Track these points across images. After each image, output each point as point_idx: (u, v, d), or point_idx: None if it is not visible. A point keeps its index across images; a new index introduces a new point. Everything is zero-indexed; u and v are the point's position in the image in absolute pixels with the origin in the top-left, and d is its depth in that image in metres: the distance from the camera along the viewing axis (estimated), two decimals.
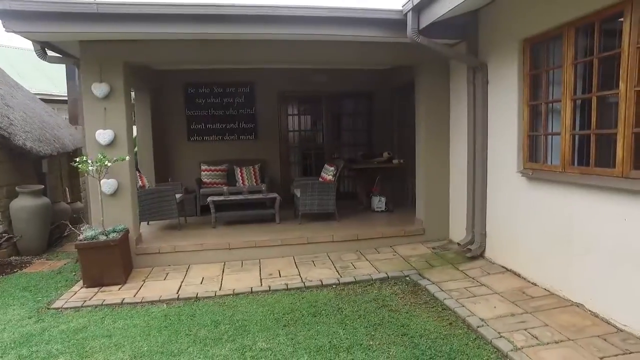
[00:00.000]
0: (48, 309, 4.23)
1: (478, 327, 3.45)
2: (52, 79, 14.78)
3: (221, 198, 6.36)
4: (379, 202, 7.03)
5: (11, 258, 5.91)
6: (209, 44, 5.17)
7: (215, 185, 7.38)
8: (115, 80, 5.09)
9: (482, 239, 5.11)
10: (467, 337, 3.38)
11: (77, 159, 4.82)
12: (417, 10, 4.66)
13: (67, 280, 5.05)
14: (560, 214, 3.94)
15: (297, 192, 6.51)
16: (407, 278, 4.71)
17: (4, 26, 4.34)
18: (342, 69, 7.56)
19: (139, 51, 5.16)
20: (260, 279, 4.80)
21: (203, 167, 7.46)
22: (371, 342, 3.37)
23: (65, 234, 6.90)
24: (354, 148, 8.35)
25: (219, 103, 7.78)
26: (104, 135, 5.06)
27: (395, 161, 7.18)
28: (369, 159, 7.48)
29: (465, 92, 5.35)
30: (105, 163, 4.77)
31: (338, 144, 8.55)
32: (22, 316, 4.06)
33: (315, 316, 3.87)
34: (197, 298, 4.35)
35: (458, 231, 5.74)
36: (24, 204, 5.97)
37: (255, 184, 7.37)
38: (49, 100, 10.95)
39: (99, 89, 5.03)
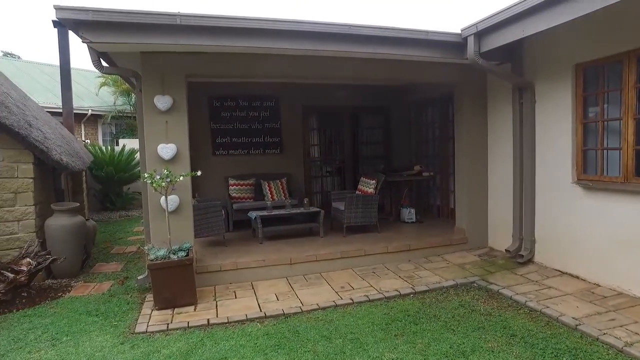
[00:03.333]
0: (133, 333, 4.00)
1: (577, 325, 3.75)
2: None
3: (265, 213, 6.29)
4: (409, 214, 7.28)
5: (47, 281, 5.47)
6: (271, 58, 5.19)
7: (244, 199, 7.28)
8: (177, 93, 4.96)
9: (531, 245, 5.49)
10: (573, 335, 3.66)
11: (147, 174, 4.63)
12: (479, 35, 5.02)
13: (129, 303, 4.77)
14: (626, 219, 4.38)
15: (339, 205, 6.60)
16: (475, 284, 4.96)
17: (80, 36, 4.14)
18: (362, 85, 7.80)
19: (200, 64, 5.07)
20: (336, 292, 4.84)
21: (231, 182, 7.33)
22: (489, 345, 3.55)
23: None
24: (373, 161, 8.59)
25: (244, 117, 7.71)
26: (167, 150, 4.90)
27: (425, 174, 7.49)
28: (394, 171, 7.74)
29: (508, 110, 5.78)
30: (177, 179, 4.62)
31: (357, 157, 8.75)
32: (113, 343, 3.81)
33: (416, 324, 4.00)
34: (285, 315, 4.31)
35: (499, 239, 6.11)
36: (61, 223, 5.56)
37: (283, 198, 7.36)
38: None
39: (162, 101, 4.88)
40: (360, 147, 8.87)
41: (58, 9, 3.96)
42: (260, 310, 4.41)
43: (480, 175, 6.30)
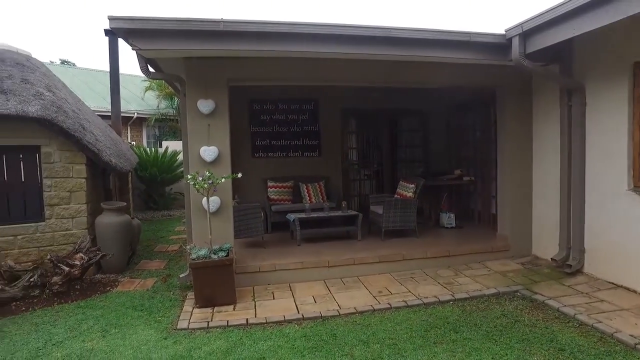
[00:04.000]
0: (175, 329, 4.14)
1: (636, 344, 3.50)
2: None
3: (303, 215, 6.34)
4: (448, 219, 7.13)
5: (97, 276, 5.77)
6: (310, 62, 5.23)
7: (282, 201, 7.37)
8: (219, 97, 5.10)
9: (580, 255, 5.23)
10: (631, 355, 3.42)
11: (190, 176, 4.78)
12: (524, 36, 4.85)
13: (171, 300, 4.94)
14: None
15: (378, 209, 6.56)
16: (518, 293, 4.77)
17: (130, 43, 4.33)
18: (401, 87, 7.71)
19: (241, 68, 5.19)
20: (374, 297, 4.80)
21: (270, 184, 7.45)
22: (535, 358, 3.41)
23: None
24: (412, 165, 8.48)
25: (283, 119, 7.82)
26: (209, 152, 5.04)
27: (466, 178, 7.32)
28: (434, 175, 7.60)
29: (555, 112, 5.55)
30: (219, 181, 4.74)
31: (396, 161, 8.67)
32: (157, 337, 3.96)
33: (457, 332, 3.90)
34: (322, 317, 4.32)
35: (544, 247, 5.87)
36: (109, 221, 5.85)
37: (322, 201, 7.39)
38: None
39: (205, 105, 5.03)
40: (398, 151, 8.78)
41: (111, 19, 4.17)
42: (298, 312, 4.45)
43: (524, 180, 6.08)
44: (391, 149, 8.87)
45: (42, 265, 5.18)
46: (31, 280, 5.04)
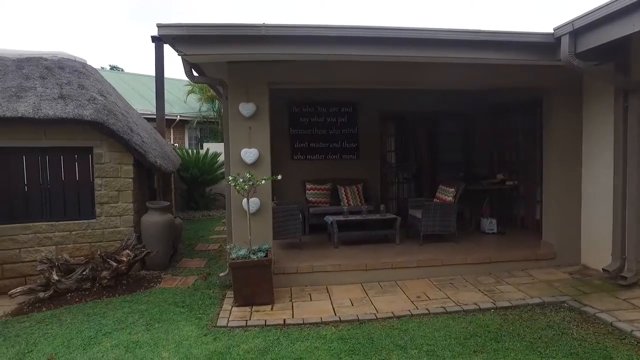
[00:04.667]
0: (215, 326, 4.25)
1: None
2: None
3: (341, 218, 6.35)
4: (489, 224, 6.92)
5: (142, 272, 6.02)
6: (350, 65, 5.23)
7: (320, 204, 7.40)
8: (260, 100, 5.20)
9: (637, 267, 4.91)
10: None
11: (231, 177, 4.90)
12: (575, 35, 4.64)
13: (210, 298, 5.08)
14: None
15: (416, 213, 6.47)
16: (565, 304, 4.55)
17: (176, 49, 4.51)
18: (441, 90, 7.56)
19: (282, 72, 5.27)
20: (412, 302, 4.73)
21: (308, 186, 7.51)
22: None
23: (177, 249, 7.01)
24: (452, 168, 8.30)
25: (322, 122, 7.87)
26: (249, 154, 5.15)
27: (509, 183, 7.09)
28: (475, 179, 7.41)
29: (608, 114, 5.26)
30: (259, 182, 4.84)
31: (435, 164, 8.52)
32: (198, 333, 4.08)
33: (498, 342, 3.77)
34: (359, 321, 4.30)
35: (594, 256, 5.57)
36: (154, 220, 6.10)
37: (359, 204, 7.36)
38: None
39: (247, 108, 5.14)
40: (438, 154, 8.61)
41: (160, 26, 4.35)
42: (335, 315, 4.45)
43: (572, 185, 5.80)
44: (430, 152, 8.71)
45: (92, 260, 5.46)
46: (83, 273, 5.33)
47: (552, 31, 4.85)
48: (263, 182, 4.89)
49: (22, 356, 3.79)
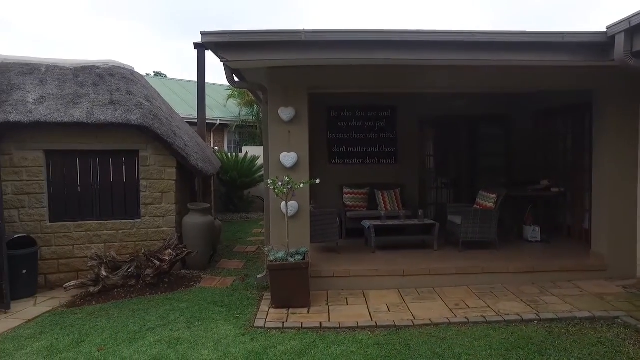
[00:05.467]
0: (252, 327, 4.32)
1: None
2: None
3: (379, 222, 6.31)
4: (533, 232, 6.66)
5: (182, 271, 6.22)
6: (389, 69, 5.22)
7: (357, 208, 7.39)
8: (299, 105, 5.27)
9: None
10: None
11: (270, 180, 4.99)
12: (632, 32, 4.40)
13: (248, 299, 5.17)
14: None
15: (456, 219, 6.33)
16: (619, 320, 4.29)
17: (218, 56, 4.65)
18: (481, 93, 7.39)
19: (321, 76, 5.33)
20: (450, 309, 4.63)
21: (346, 190, 7.52)
22: None
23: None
24: (493, 174, 8.06)
25: (360, 126, 7.87)
26: (288, 158, 5.22)
27: (554, 189, 6.81)
28: (517, 185, 7.17)
29: None
30: (298, 186, 4.89)
31: (476, 169, 8.31)
32: (236, 333, 4.17)
33: (542, 355, 3.62)
34: (396, 327, 4.26)
35: None
36: (195, 221, 6.30)
37: (397, 208, 7.29)
38: None
39: (286, 112, 5.22)
40: (478, 159, 8.39)
41: (203, 34, 4.50)
42: (371, 320, 4.42)
43: (626, 192, 5.48)
44: (470, 157, 8.51)
45: (137, 258, 5.70)
46: (129, 270, 5.58)
47: (605, 29, 4.63)
48: (302, 185, 4.95)
49: (76, 345, 4.03)
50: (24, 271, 5.47)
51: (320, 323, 4.35)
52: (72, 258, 6.10)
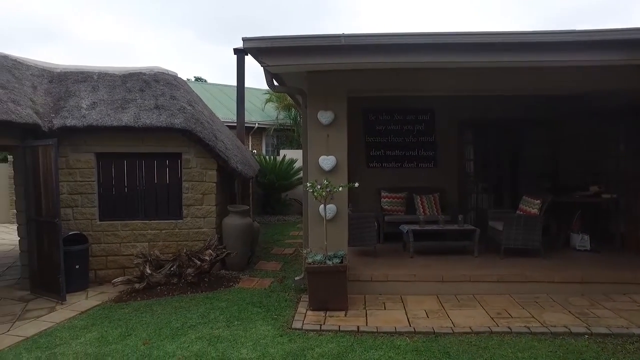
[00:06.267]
0: (290, 328, 4.37)
1: None
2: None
3: (417, 227, 6.22)
4: (581, 241, 6.35)
5: (222, 271, 6.37)
6: (430, 72, 5.15)
7: (395, 212, 7.32)
8: (338, 108, 5.28)
9: None
10: None
11: (309, 184, 5.04)
12: None
13: (286, 301, 5.23)
14: None
15: (497, 225, 6.15)
16: None
17: (259, 61, 4.75)
18: (524, 95, 7.13)
19: (360, 80, 5.31)
20: (491, 318, 4.49)
21: (383, 194, 7.46)
22: None
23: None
24: (537, 178, 7.76)
25: (398, 130, 7.81)
26: (327, 161, 5.25)
27: (606, 196, 6.48)
28: (564, 191, 6.87)
29: None
30: (336, 189, 4.91)
31: (517, 174, 8.04)
32: (274, 333, 4.23)
33: None
34: (434, 333, 4.18)
35: None
36: (234, 222, 6.45)
37: (436, 213, 7.16)
38: None
39: (325, 116, 5.25)
40: (521, 163, 8.09)
41: (245, 40, 4.62)
42: (410, 325, 4.36)
43: None
44: (513, 161, 8.22)
45: (179, 258, 5.89)
46: (171, 269, 5.77)
47: None
48: (340, 189, 4.96)
49: (124, 338, 4.23)
50: (77, 266, 5.80)
51: (358, 327, 4.34)
52: (119, 255, 6.39)
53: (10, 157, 11.50)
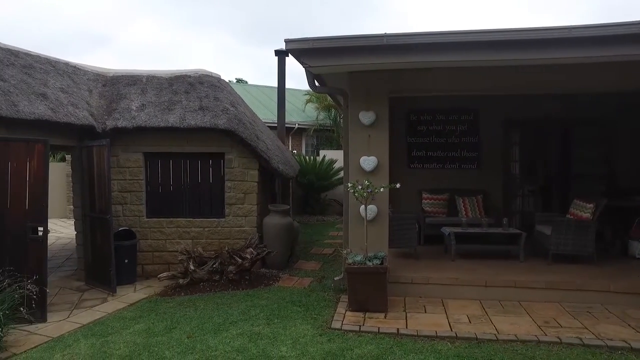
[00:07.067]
0: (329, 328, 4.37)
1: None
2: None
3: (460, 230, 6.07)
4: None
5: (262, 270, 6.49)
6: (475, 71, 4.99)
7: (436, 214, 7.17)
8: (380, 109, 5.24)
9: None
10: None
11: (350, 184, 5.03)
12: None
13: (325, 300, 5.24)
14: None
15: (545, 229, 5.89)
16: None
17: (301, 62, 4.79)
18: (575, 93, 6.77)
19: (402, 80, 5.25)
20: (539, 326, 4.30)
21: (424, 195, 7.34)
22: None
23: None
24: (589, 181, 7.35)
25: (441, 130, 7.65)
26: (368, 162, 5.22)
27: None
28: (621, 194, 6.48)
29: None
30: (378, 190, 4.87)
31: (567, 176, 7.66)
32: (313, 333, 4.25)
33: None
34: (477, 339, 4.05)
35: None
36: (275, 222, 6.55)
37: (479, 216, 6.95)
38: None
39: (366, 116, 5.22)
40: (570, 164, 7.70)
41: (287, 41, 4.67)
42: (451, 330, 4.26)
43: None
44: (562, 162, 7.83)
45: (221, 255, 6.05)
46: (214, 266, 5.94)
47: None
48: (382, 189, 4.92)
49: (169, 331, 4.39)
50: (126, 261, 6.08)
51: (398, 329, 4.29)
52: (164, 251, 6.64)
53: (68, 157, 12.24)
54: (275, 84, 11.24)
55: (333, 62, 4.73)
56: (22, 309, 4.33)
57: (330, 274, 6.28)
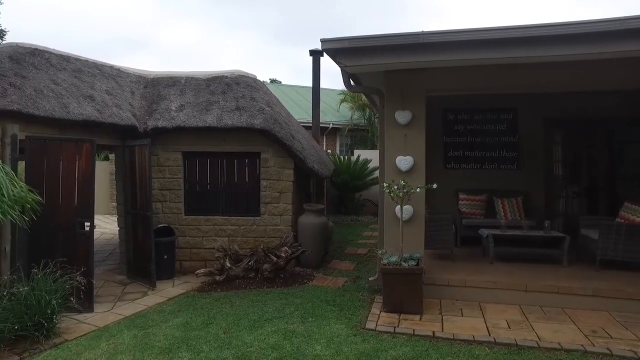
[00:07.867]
0: (363, 328, 4.35)
1: None
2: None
3: (498, 232, 5.89)
4: None
5: (296, 268, 6.54)
6: (515, 68, 4.83)
7: (473, 215, 7.00)
8: (416, 108, 5.17)
9: None
10: None
11: (385, 184, 4.99)
12: None
13: (359, 301, 5.22)
14: None
15: (591, 233, 5.62)
16: None
17: (337, 61, 4.78)
18: (621, 90, 6.40)
19: (439, 79, 5.14)
20: (585, 336, 4.10)
21: (461, 196, 7.17)
22: None
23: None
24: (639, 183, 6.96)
25: (478, 129, 7.46)
26: (404, 162, 5.16)
27: None
28: None
29: None
30: (414, 190, 4.81)
31: (615, 177, 7.28)
32: (347, 332, 4.24)
33: None
34: (517, 346, 3.91)
35: None
36: (310, 221, 6.59)
37: (518, 218, 6.72)
38: None
39: (402, 116, 5.16)
40: (618, 165, 7.30)
41: (323, 41, 4.69)
42: (489, 335, 4.14)
43: None
44: (609, 163, 7.44)
45: (256, 253, 6.13)
46: (249, 264, 6.04)
47: None
48: (418, 190, 4.85)
49: (206, 326, 4.51)
50: (166, 256, 6.28)
51: (433, 332, 4.21)
52: (201, 248, 6.81)
53: (111, 156, 12.78)
54: (309, 84, 11.27)
55: (368, 61, 4.71)
56: (72, 298, 4.56)
57: (365, 274, 6.25)
